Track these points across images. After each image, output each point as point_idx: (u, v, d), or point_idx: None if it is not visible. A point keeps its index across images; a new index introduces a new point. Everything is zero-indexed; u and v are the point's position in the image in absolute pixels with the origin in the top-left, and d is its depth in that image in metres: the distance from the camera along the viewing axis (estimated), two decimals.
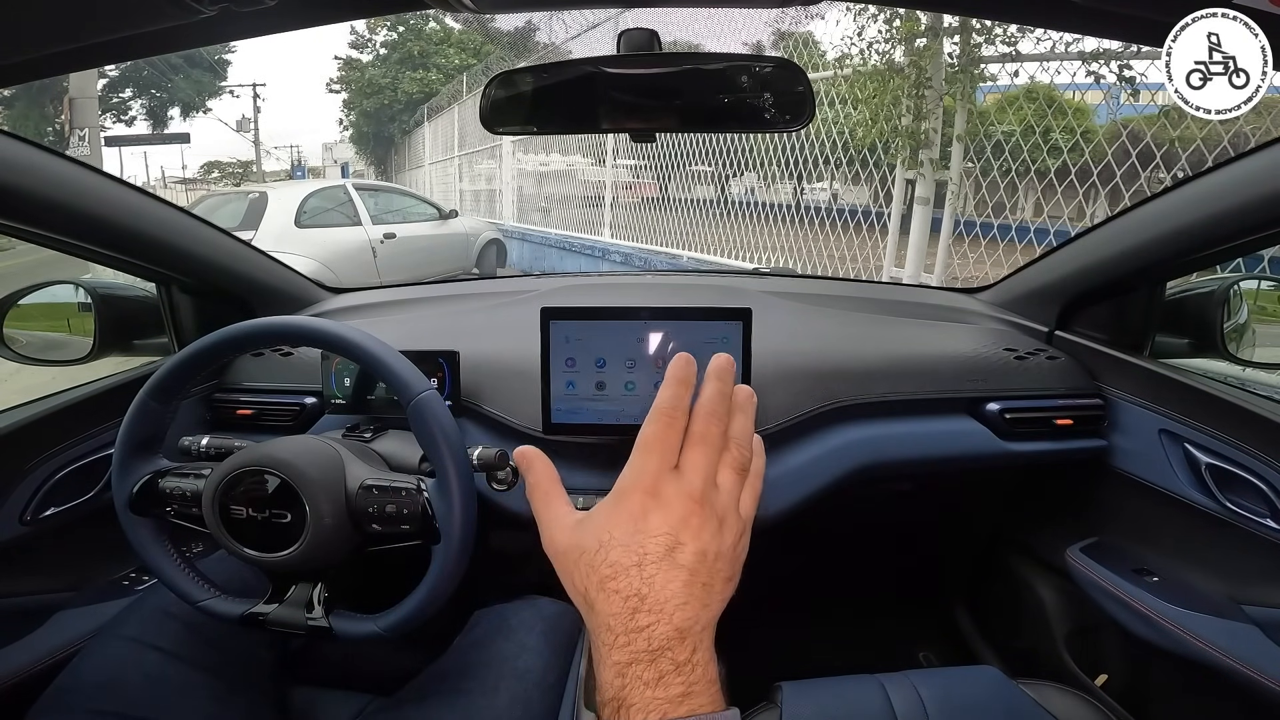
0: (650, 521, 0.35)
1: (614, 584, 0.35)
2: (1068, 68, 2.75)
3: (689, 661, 0.34)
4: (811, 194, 4.40)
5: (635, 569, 0.35)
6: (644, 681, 0.33)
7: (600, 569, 0.35)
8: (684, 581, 0.35)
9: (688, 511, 0.35)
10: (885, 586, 1.45)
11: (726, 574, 0.37)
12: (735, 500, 0.38)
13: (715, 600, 0.36)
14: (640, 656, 0.33)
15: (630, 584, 0.34)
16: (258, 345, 0.75)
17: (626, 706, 0.33)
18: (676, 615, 0.34)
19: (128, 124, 20.07)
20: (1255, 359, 0.94)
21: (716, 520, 0.36)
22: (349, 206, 5.36)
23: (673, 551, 0.35)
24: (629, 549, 0.35)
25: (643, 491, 0.36)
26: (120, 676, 0.64)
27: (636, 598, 0.34)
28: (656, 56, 0.65)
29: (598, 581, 0.35)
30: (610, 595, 0.35)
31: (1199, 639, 0.77)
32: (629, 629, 0.34)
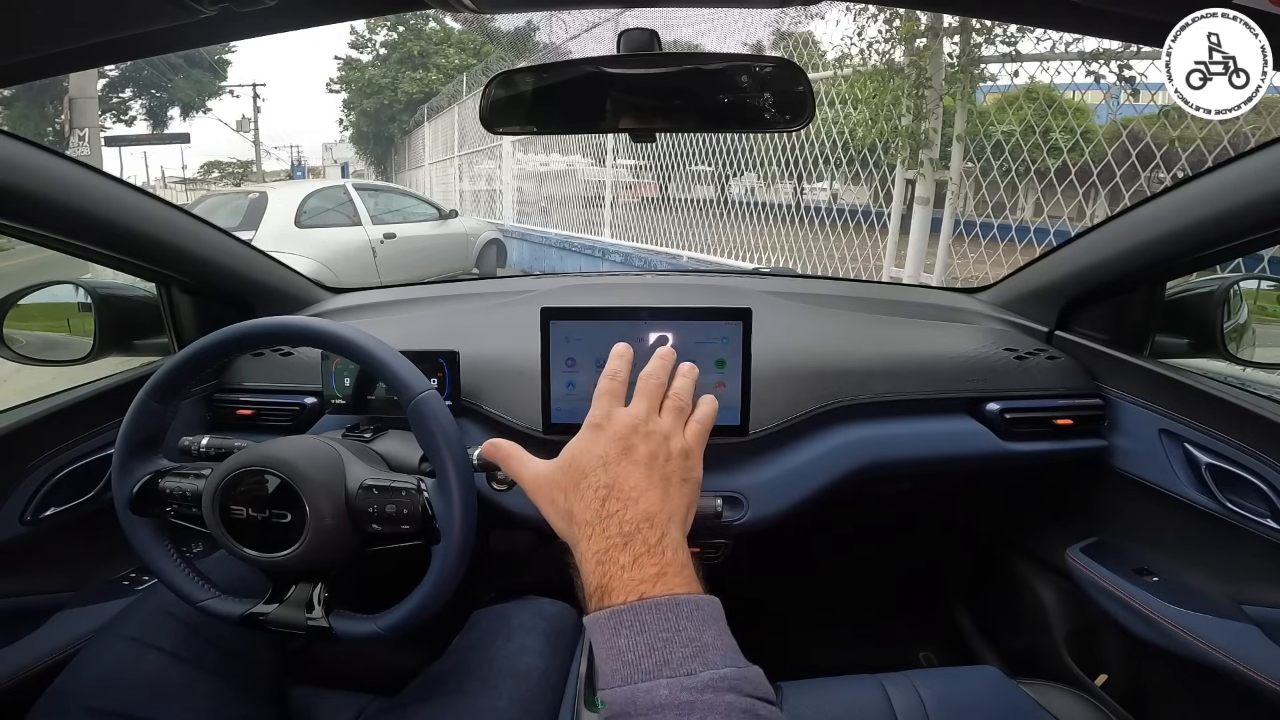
0: (606, 435, 0.44)
1: (586, 481, 0.42)
2: (1068, 68, 2.75)
3: (659, 544, 0.38)
4: (811, 194, 4.40)
5: (601, 468, 0.42)
6: (620, 565, 0.37)
7: (574, 475, 0.43)
8: (643, 474, 0.42)
9: (634, 426, 0.44)
10: (885, 586, 1.45)
11: (681, 475, 0.44)
12: (677, 429, 0.46)
13: (675, 495, 0.42)
14: (614, 541, 0.38)
15: (599, 479, 0.41)
16: (258, 345, 0.75)
17: (608, 591, 0.37)
18: (641, 500, 0.40)
19: (128, 124, 20.11)
20: (1255, 359, 0.94)
21: (661, 435, 0.44)
22: (349, 206, 5.36)
23: (628, 452, 0.43)
24: (593, 456, 0.43)
25: (599, 420, 0.45)
26: (120, 676, 0.64)
27: (605, 488, 0.41)
28: (656, 56, 0.65)
29: (573, 485, 0.42)
30: (584, 491, 0.41)
31: (1199, 639, 0.77)
32: (601, 516, 0.40)
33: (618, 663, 0.34)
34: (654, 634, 0.34)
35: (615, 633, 0.35)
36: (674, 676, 0.33)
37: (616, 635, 0.35)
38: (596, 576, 0.38)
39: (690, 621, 0.35)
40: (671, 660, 0.34)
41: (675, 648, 0.34)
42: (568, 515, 0.42)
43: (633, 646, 0.34)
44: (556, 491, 0.44)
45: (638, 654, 0.34)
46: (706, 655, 0.34)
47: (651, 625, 0.35)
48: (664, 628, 0.35)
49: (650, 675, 0.33)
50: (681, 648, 0.34)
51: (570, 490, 0.42)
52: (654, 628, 0.35)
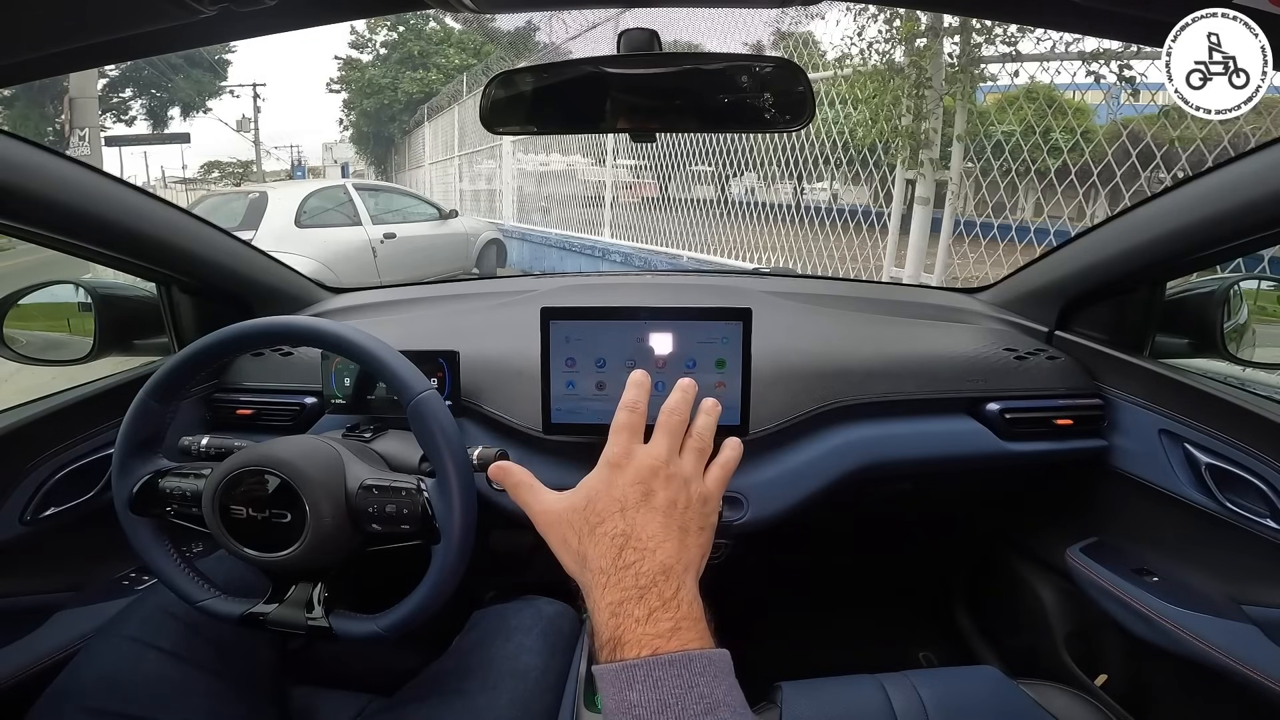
0: (625, 477, 0.43)
1: (602, 528, 0.41)
2: (1068, 68, 2.75)
3: (675, 598, 0.38)
4: (811, 194, 4.40)
5: (619, 514, 0.41)
6: (635, 619, 0.37)
7: (590, 518, 0.42)
8: (661, 522, 0.41)
9: (654, 469, 0.43)
10: (885, 586, 1.45)
11: (699, 524, 0.43)
12: (698, 473, 0.45)
13: (692, 544, 0.41)
14: (630, 594, 0.38)
15: (616, 525, 0.40)
16: (258, 345, 0.75)
17: (621, 644, 0.36)
18: (659, 552, 0.39)
19: (128, 124, 20.12)
20: (1255, 359, 0.94)
21: (681, 479, 0.43)
22: (349, 206, 5.36)
23: (647, 498, 0.42)
24: (611, 499, 0.42)
25: (617, 459, 0.44)
26: (120, 676, 0.64)
27: (622, 536, 0.40)
28: (657, 56, 0.65)
29: (589, 529, 0.41)
30: (600, 538, 0.40)
31: (1199, 639, 0.77)
32: (618, 567, 0.39)
33: (628, 717, 0.34)
34: (667, 690, 0.34)
35: (628, 686, 0.35)
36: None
37: (629, 689, 0.35)
38: (610, 628, 0.37)
39: (703, 678, 0.35)
40: (684, 717, 0.33)
41: (688, 705, 0.34)
42: (581, 559, 0.41)
43: (645, 702, 0.34)
44: (569, 532, 0.43)
45: (650, 710, 0.34)
46: (718, 713, 0.34)
47: (665, 681, 0.34)
48: (677, 684, 0.34)
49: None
50: (694, 704, 0.34)
51: (585, 534, 0.41)
52: (667, 684, 0.34)
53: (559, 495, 0.45)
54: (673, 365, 0.77)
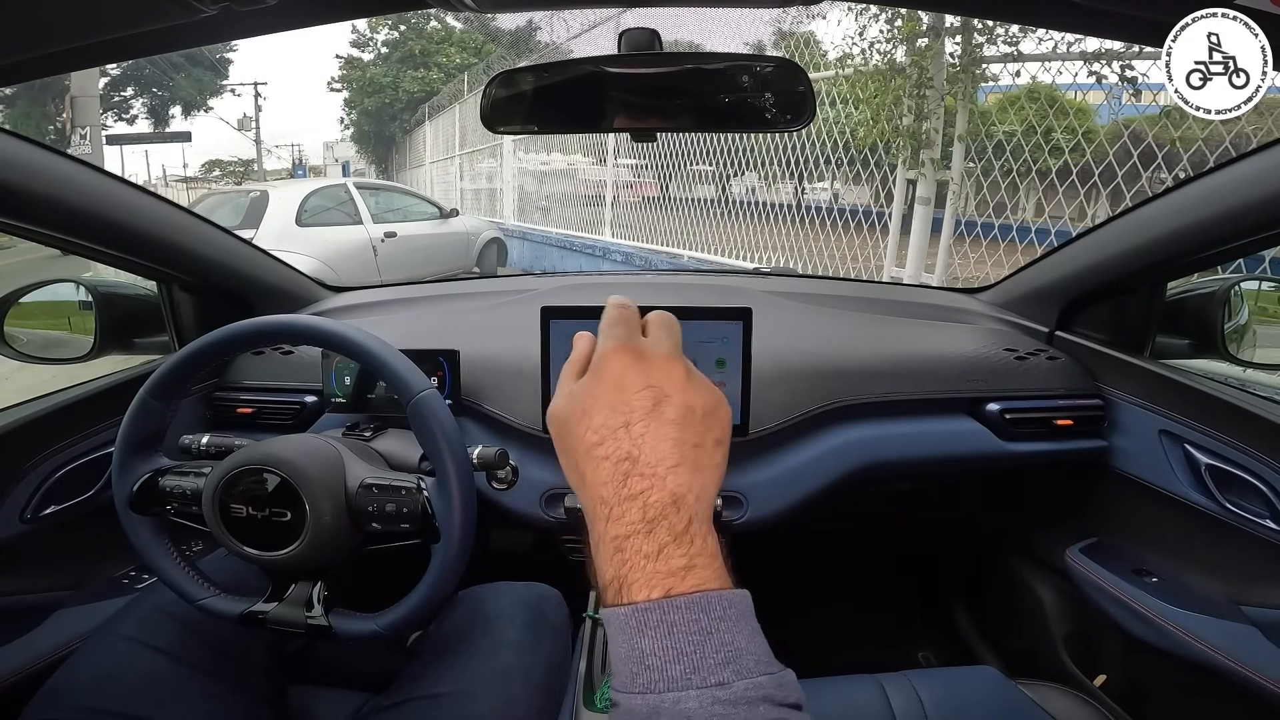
0: (631, 378, 0.35)
1: (601, 450, 0.34)
2: (1069, 68, 2.74)
3: (687, 532, 0.33)
4: (812, 194, 4.40)
5: (623, 429, 0.34)
6: (643, 554, 0.32)
7: (586, 436, 0.35)
8: (674, 440, 0.34)
9: (667, 365, 0.36)
10: (885, 586, 1.45)
11: (716, 435, 0.36)
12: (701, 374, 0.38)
13: (707, 464, 0.35)
14: (637, 528, 0.33)
15: (619, 447, 0.34)
16: (258, 344, 0.75)
17: (628, 584, 0.32)
18: (670, 479, 0.33)
19: (129, 122, 20.13)
20: (1255, 360, 0.94)
21: (700, 380, 0.36)
22: (350, 205, 5.36)
23: (659, 406, 0.35)
24: (615, 410, 0.35)
25: (617, 353, 0.36)
26: (116, 675, 0.63)
27: (628, 461, 0.34)
28: (657, 56, 0.65)
29: (585, 450, 0.35)
30: (599, 463, 0.34)
31: (1198, 639, 0.77)
32: (622, 497, 0.33)
33: (640, 667, 0.31)
34: (682, 637, 0.30)
35: (639, 633, 0.31)
36: (704, 687, 0.29)
37: (640, 636, 0.31)
38: (614, 565, 0.33)
39: (722, 623, 0.31)
40: (702, 668, 0.30)
41: (706, 653, 0.30)
42: (578, 475, 0.36)
43: (658, 650, 0.30)
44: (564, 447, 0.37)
45: (664, 659, 0.30)
46: (740, 662, 0.30)
47: (680, 627, 0.31)
48: (693, 630, 0.31)
49: (678, 685, 0.30)
50: (713, 654, 0.30)
51: (582, 454, 0.35)
52: (682, 629, 0.31)
53: (564, 395, 0.38)
54: None
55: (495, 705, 0.68)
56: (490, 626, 0.76)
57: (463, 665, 0.72)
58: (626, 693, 0.31)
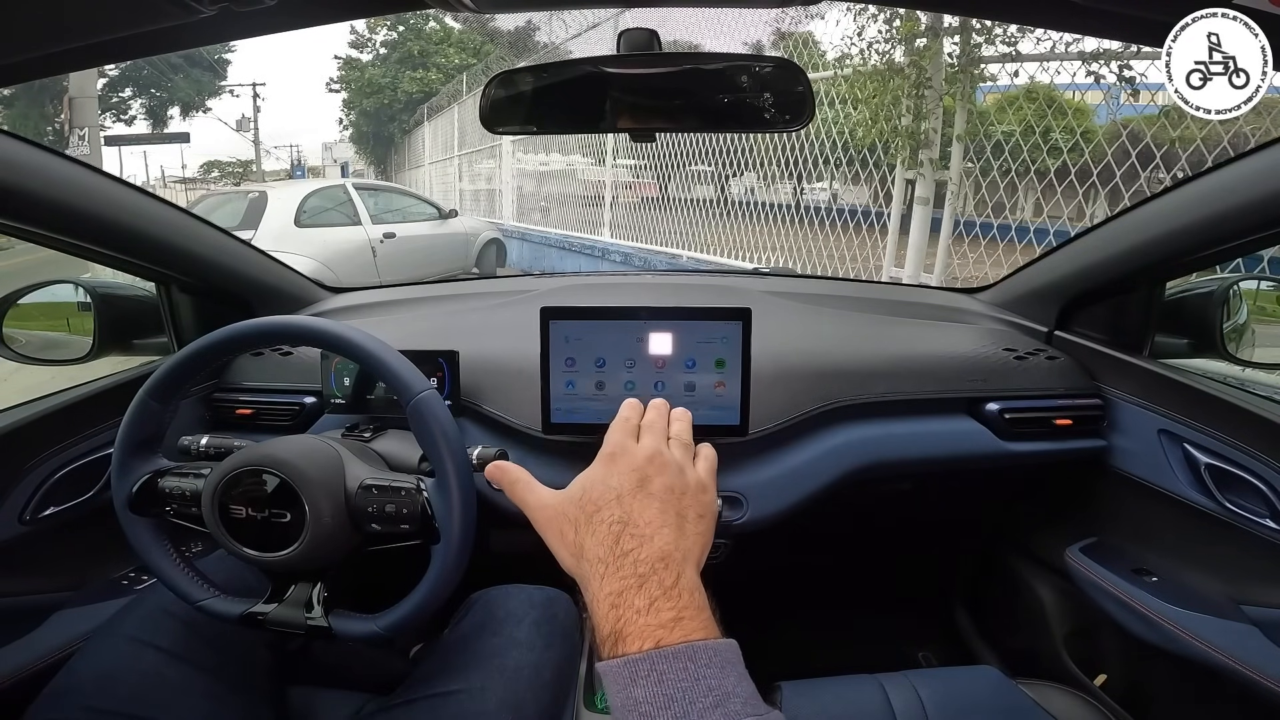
0: (620, 466, 0.43)
1: (599, 516, 0.40)
2: (1068, 68, 2.75)
3: (675, 587, 0.37)
4: (811, 194, 4.40)
5: (615, 501, 0.41)
6: (636, 609, 0.36)
7: (586, 507, 0.41)
8: (658, 508, 0.41)
9: (649, 457, 0.43)
10: (885, 586, 1.45)
11: (697, 511, 0.42)
12: (689, 463, 0.45)
13: (690, 532, 0.41)
14: (629, 583, 0.37)
15: (613, 513, 0.40)
16: (257, 345, 0.75)
17: (623, 638, 0.35)
18: (657, 539, 0.39)
19: (127, 123, 20.11)
20: (1255, 359, 0.94)
21: (675, 466, 0.44)
22: (349, 206, 5.36)
23: (643, 484, 0.42)
24: (607, 487, 0.42)
25: (612, 450, 0.44)
26: (117, 675, 0.63)
27: (620, 523, 0.39)
28: (656, 56, 0.65)
29: (585, 519, 0.41)
30: (596, 526, 0.40)
31: (1198, 639, 0.77)
32: (616, 555, 0.38)
33: (634, 714, 0.33)
34: (672, 684, 0.33)
35: (631, 682, 0.34)
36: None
37: (633, 685, 0.33)
38: (610, 621, 0.36)
39: (710, 669, 0.34)
40: (691, 712, 0.32)
41: (696, 698, 0.33)
42: (578, 551, 0.40)
43: (650, 698, 0.33)
44: (566, 525, 0.42)
45: (656, 706, 0.33)
46: (728, 705, 0.33)
47: (670, 675, 0.33)
48: (683, 677, 0.33)
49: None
50: (702, 698, 0.33)
51: (582, 524, 0.41)
52: (672, 678, 0.33)
53: (555, 491, 0.45)
54: (672, 365, 0.77)
55: (503, 702, 0.68)
56: (500, 627, 0.76)
57: (472, 664, 0.72)
58: None
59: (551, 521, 0.43)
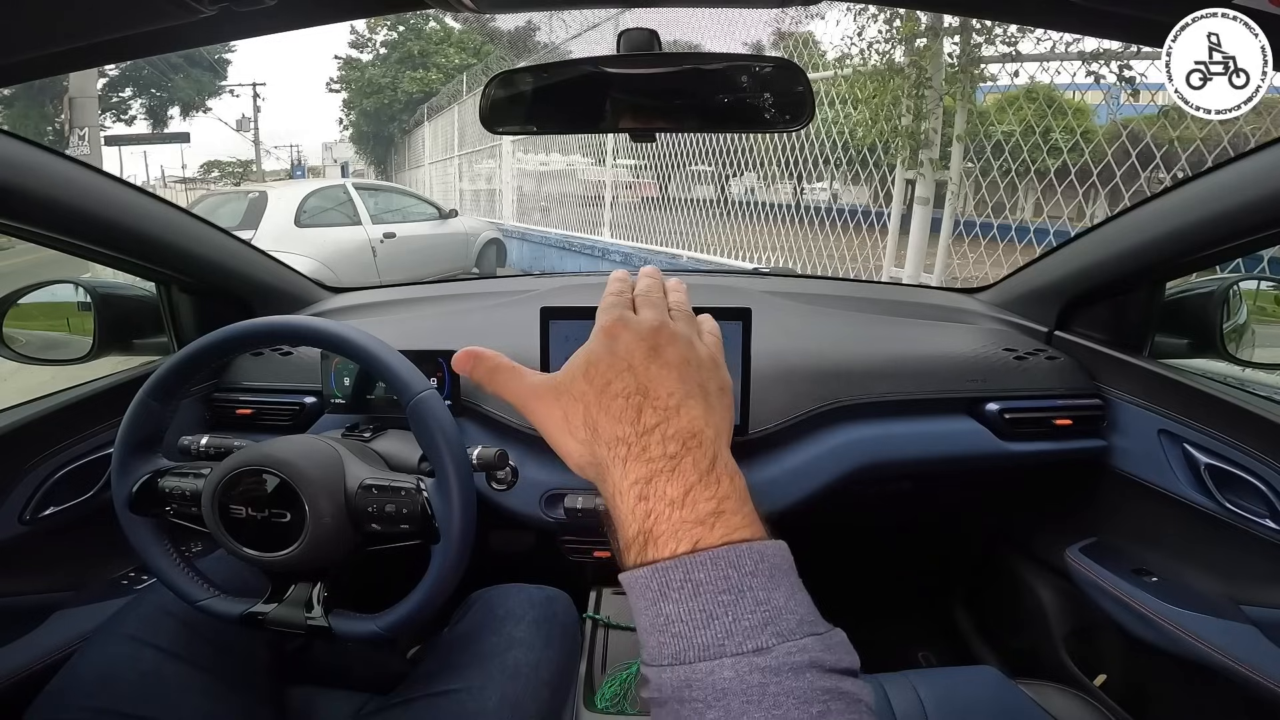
0: (626, 336, 0.35)
1: (612, 388, 0.33)
2: (1068, 68, 2.75)
3: (712, 471, 0.30)
4: (811, 194, 4.40)
5: (627, 372, 0.33)
6: (669, 500, 0.29)
7: (595, 381, 0.33)
8: (677, 377, 0.33)
9: (655, 328, 0.35)
10: (885, 586, 1.45)
11: (718, 384, 0.36)
12: (695, 334, 0.38)
13: (716, 406, 0.34)
14: (659, 467, 0.30)
15: (627, 384, 0.33)
16: (257, 345, 0.75)
17: (654, 539, 0.29)
18: (683, 412, 0.32)
19: (127, 123, 20.09)
20: (1255, 359, 0.94)
21: (685, 338, 0.36)
22: (349, 206, 5.36)
23: (655, 352, 0.34)
24: (615, 357, 0.34)
25: (609, 324, 0.36)
26: (117, 674, 0.63)
27: (639, 394, 0.32)
28: (656, 56, 0.65)
29: (595, 394, 0.33)
30: (611, 400, 0.32)
31: (1198, 639, 0.77)
32: (639, 432, 0.31)
33: (665, 635, 0.27)
34: (710, 597, 0.27)
35: (661, 597, 0.28)
36: (740, 654, 0.26)
37: (663, 600, 0.28)
38: (638, 517, 0.30)
39: (755, 579, 0.28)
40: (736, 632, 0.26)
41: (740, 615, 0.27)
42: (590, 433, 0.33)
43: (684, 615, 0.27)
44: (572, 405, 0.34)
45: (692, 625, 0.27)
46: (780, 623, 0.27)
47: (706, 586, 0.27)
48: (722, 589, 0.27)
49: (710, 653, 0.26)
50: (748, 615, 0.27)
51: (592, 400, 0.33)
52: (709, 589, 0.27)
53: (547, 376, 0.37)
54: None
55: (504, 699, 0.68)
56: (500, 626, 0.76)
57: (471, 663, 0.72)
58: (655, 665, 0.28)
59: (553, 405, 0.35)
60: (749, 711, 0.25)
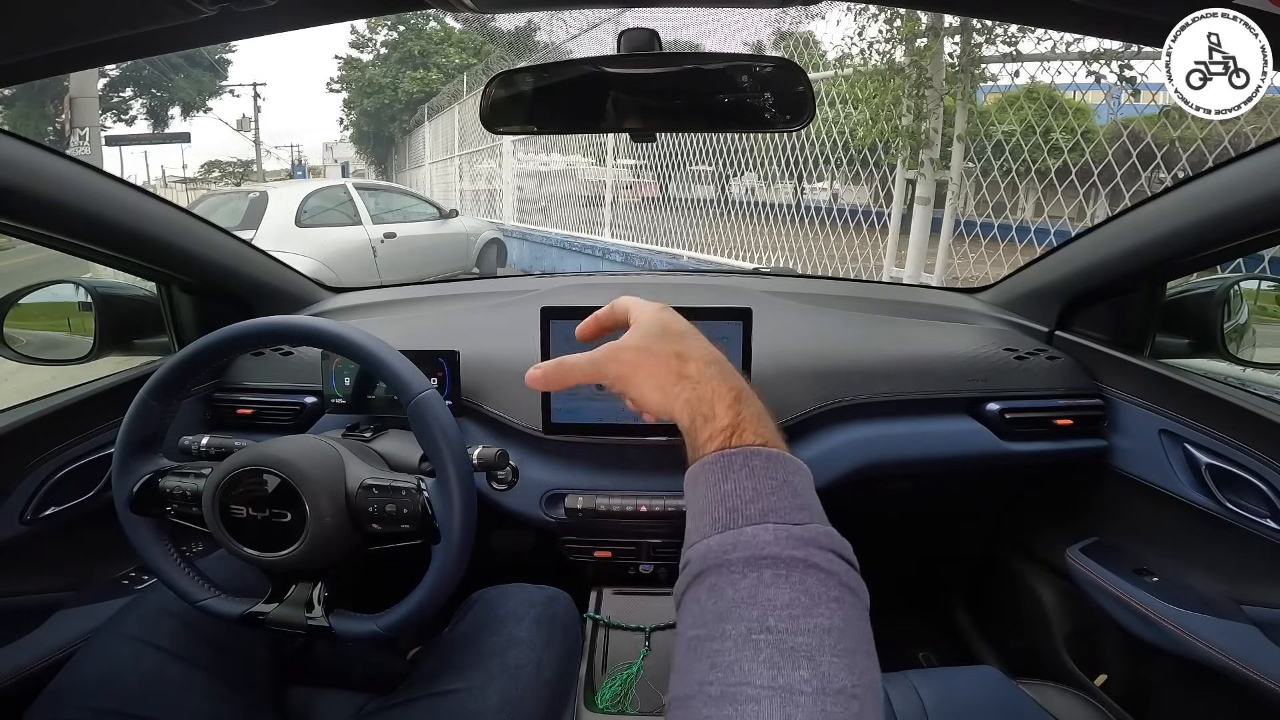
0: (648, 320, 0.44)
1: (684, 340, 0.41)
2: (1068, 68, 2.74)
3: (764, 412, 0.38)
4: (812, 194, 4.40)
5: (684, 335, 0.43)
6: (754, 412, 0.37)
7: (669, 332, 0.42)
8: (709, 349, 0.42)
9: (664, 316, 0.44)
10: (885, 586, 1.44)
11: None
12: None
13: None
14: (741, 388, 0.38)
15: (690, 343, 0.41)
16: (258, 345, 0.75)
17: (739, 430, 0.36)
18: (727, 367, 0.40)
19: (128, 123, 20.09)
20: (1255, 359, 0.94)
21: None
22: (349, 206, 5.36)
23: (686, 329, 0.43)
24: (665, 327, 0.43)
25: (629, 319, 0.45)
26: (118, 674, 0.63)
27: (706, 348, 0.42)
28: (657, 56, 0.65)
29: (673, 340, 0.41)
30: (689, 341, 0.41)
31: (1199, 639, 0.77)
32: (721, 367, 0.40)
33: (721, 508, 0.33)
34: (763, 479, 0.33)
35: (723, 477, 0.34)
36: (781, 523, 0.32)
37: (724, 480, 0.34)
38: (732, 414, 0.36)
39: (797, 477, 0.34)
40: (779, 508, 0.32)
41: (784, 497, 0.33)
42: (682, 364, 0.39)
43: (740, 491, 0.33)
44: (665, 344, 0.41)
45: (744, 500, 0.33)
46: (811, 510, 0.33)
47: (761, 471, 0.34)
48: (774, 476, 0.34)
49: (755, 520, 0.32)
50: (790, 499, 0.33)
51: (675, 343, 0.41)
52: (763, 473, 0.34)
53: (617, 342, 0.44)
54: None
55: (504, 699, 0.68)
56: (500, 626, 0.76)
57: (472, 663, 0.72)
58: (704, 539, 0.33)
59: (643, 356, 0.41)
60: (777, 583, 0.30)
